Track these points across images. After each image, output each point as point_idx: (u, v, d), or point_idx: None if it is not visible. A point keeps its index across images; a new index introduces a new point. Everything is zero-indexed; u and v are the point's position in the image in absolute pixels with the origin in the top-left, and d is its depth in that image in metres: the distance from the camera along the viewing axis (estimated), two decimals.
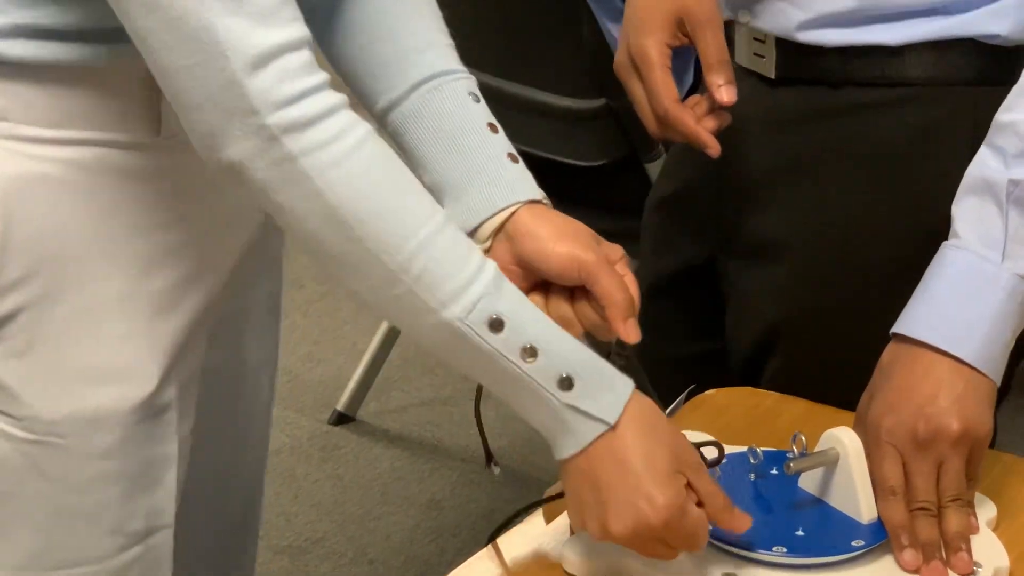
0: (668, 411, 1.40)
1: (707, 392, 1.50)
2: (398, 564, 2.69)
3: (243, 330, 1.52)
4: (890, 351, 1.35)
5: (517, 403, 1.23)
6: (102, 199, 1.29)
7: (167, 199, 1.28)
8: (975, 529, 1.30)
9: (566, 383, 1.20)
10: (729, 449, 1.35)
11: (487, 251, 1.34)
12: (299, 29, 1.17)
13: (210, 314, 1.41)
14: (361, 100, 1.41)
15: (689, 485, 1.23)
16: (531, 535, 1.33)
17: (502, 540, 1.32)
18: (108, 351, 1.32)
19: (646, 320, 1.70)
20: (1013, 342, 1.34)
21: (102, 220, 1.30)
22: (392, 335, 2.97)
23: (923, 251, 1.40)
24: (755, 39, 1.55)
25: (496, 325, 1.19)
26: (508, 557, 1.32)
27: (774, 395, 1.51)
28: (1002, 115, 1.37)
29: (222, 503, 1.57)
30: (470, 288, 1.18)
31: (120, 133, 1.27)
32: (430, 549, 2.71)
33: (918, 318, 1.33)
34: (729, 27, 1.55)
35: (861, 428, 1.33)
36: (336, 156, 1.17)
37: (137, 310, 1.33)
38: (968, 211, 1.35)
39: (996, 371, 1.33)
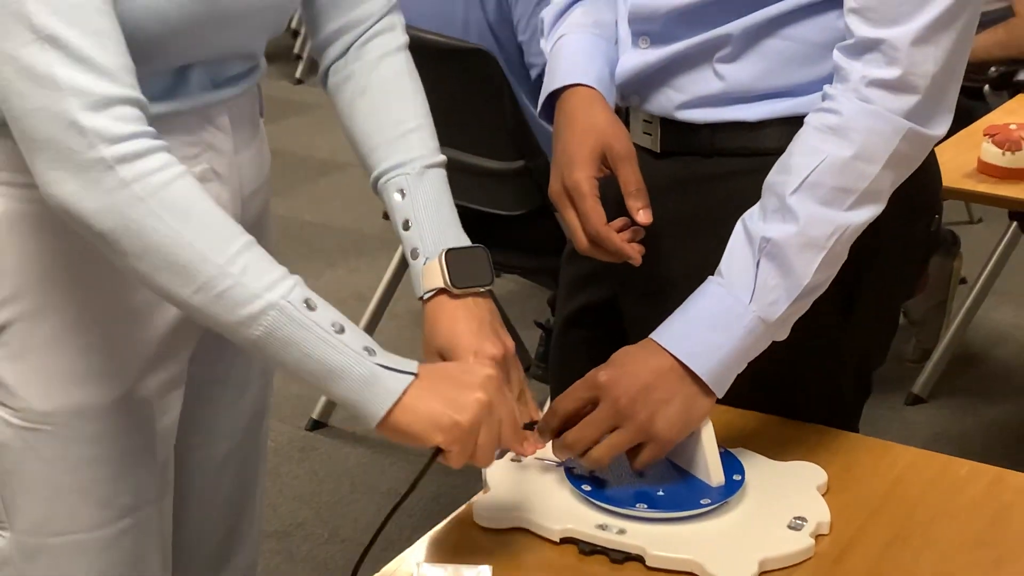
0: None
1: None
2: (365, 542, 2.65)
3: (236, 348, 1.41)
4: (642, 345, 1.35)
5: (331, 376, 1.18)
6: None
7: None
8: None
9: (370, 351, 1.19)
10: None
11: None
12: (134, 92, 1.16)
13: (188, 327, 1.37)
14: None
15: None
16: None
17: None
18: (90, 356, 1.31)
19: (561, 347, 1.73)
20: (741, 368, 1.33)
21: (80, 248, 1.26)
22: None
23: None
24: (644, 120, 1.52)
25: (311, 305, 1.17)
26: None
27: None
28: (770, 176, 1.36)
29: (224, 492, 1.55)
30: (285, 279, 1.18)
31: None
32: (391, 529, 2.64)
33: (672, 332, 1.34)
34: (625, 112, 1.54)
35: (586, 384, 1.32)
36: (164, 180, 1.16)
37: (115, 323, 1.32)
38: (734, 255, 1.34)
39: (721, 388, 1.32)
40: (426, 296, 1.34)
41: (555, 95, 1.50)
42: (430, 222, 1.37)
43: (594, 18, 1.53)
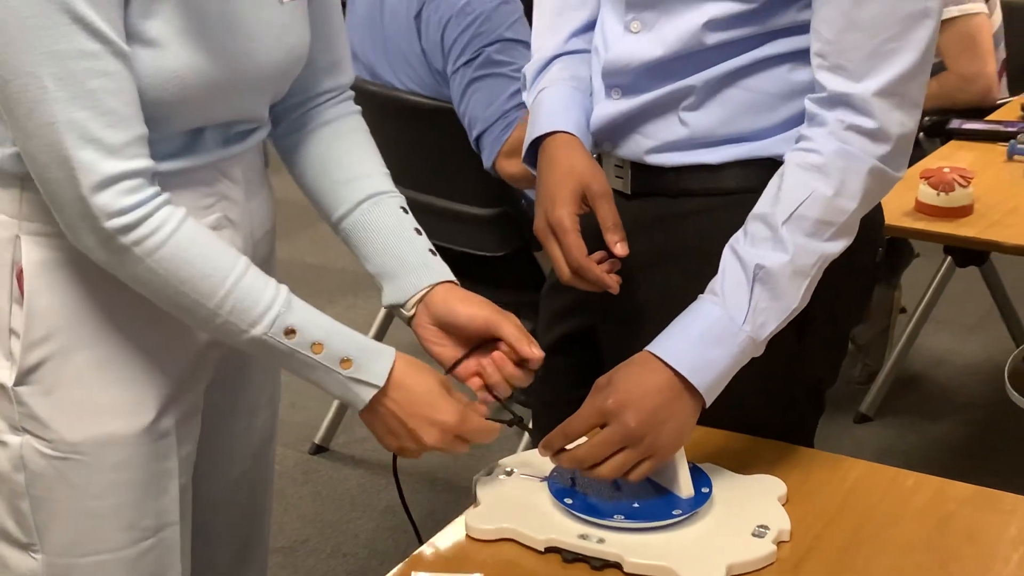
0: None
1: None
2: (364, 556, 2.66)
3: (246, 379, 1.50)
4: (638, 360, 1.34)
5: (317, 383, 1.30)
6: (105, 278, 1.27)
7: None
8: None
9: (346, 363, 1.28)
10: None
11: (412, 317, 1.39)
12: (138, 163, 1.20)
13: (204, 363, 1.38)
14: (318, 211, 1.45)
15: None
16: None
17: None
18: (115, 391, 1.31)
19: (542, 374, 1.73)
20: (726, 383, 1.34)
21: (106, 293, 1.29)
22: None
23: None
24: (616, 165, 1.53)
25: (290, 332, 1.26)
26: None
27: None
28: (757, 208, 1.36)
29: (236, 511, 1.55)
30: (268, 312, 1.25)
31: None
32: (388, 544, 2.69)
33: (670, 346, 1.33)
34: (598, 158, 1.54)
35: (596, 410, 1.32)
36: (156, 243, 1.21)
37: (137, 360, 1.32)
38: (728, 278, 1.34)
39: (711, 396, 1.33)
40: (433, 286, 1.40)
41: (538, 141, 1.51)
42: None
43: (571, 73, 1.54)
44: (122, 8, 1.18)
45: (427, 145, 2.40)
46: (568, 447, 1.34)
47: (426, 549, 1.32)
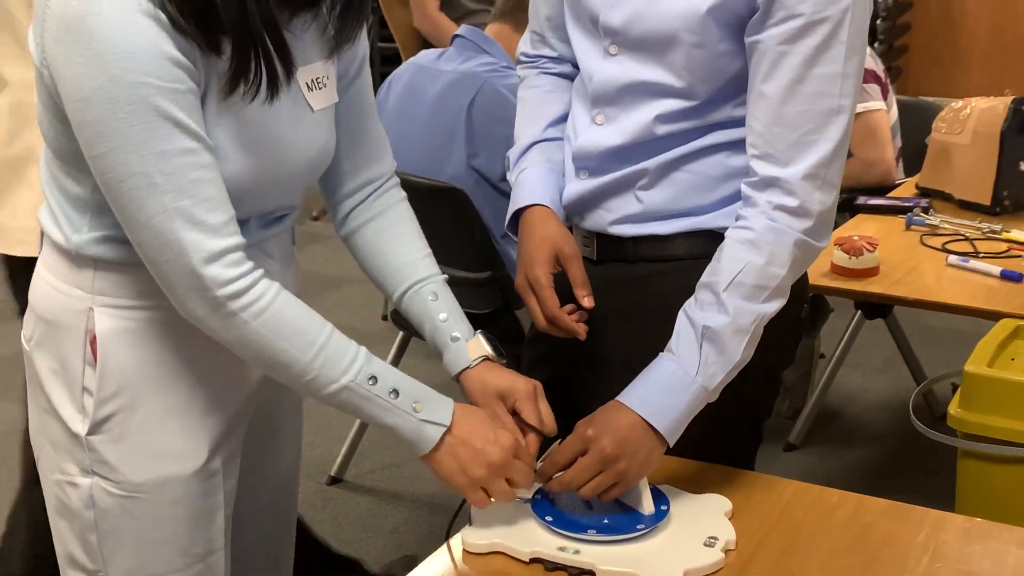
0: (543, 456, 1.40)
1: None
2: (375, 570, 2.58)
3: (276, 425, 1.49)
4: (612, 406, 1.34)
5: (392, 427, 1.27)
6: (165, 342, 1.28)
7: (209, 339, 1.25)
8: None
9: (417, 407, 1.26)
10: None
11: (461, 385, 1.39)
12: (236, 239, 1.20)
13: (245, 412, 1.38)
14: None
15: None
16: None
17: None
18: (174, 437, 1.31)
19: None
20: (686, 425, 1.34)
21: (166, 355, 1.29)
22: (363, 425, 2.89)
23: None
24: (584, 236, 1.54)
25: (373, 380, 1.24)
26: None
27: None
28: (703, 277, 1.37)
29: (266, 535, 1.55)
30: (354, 363, 1.24)
31: None
32: (394, 560, 2.62)
33: (635, 396, 1.34)
34: (570, 228, 1.54)
35: (578, 438, 1.32)
36: (262, 307, 1.20)
37: (191, 412, 1.31)
38: (681, 338, 1.35)
39: (672, 436, 1.33)
40: (474, 364, 1.38)
41: (519, 213, 1.51)
42: (458, 316, 1.41)
43: (547, 156, 1.55)
44: (202, 116, 1.19)
45: (427, 219, 2.37)
46: (556, 475, 1.34)
47: (428, 563, 1.31)
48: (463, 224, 2.42)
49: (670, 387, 1.33)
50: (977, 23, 5.05)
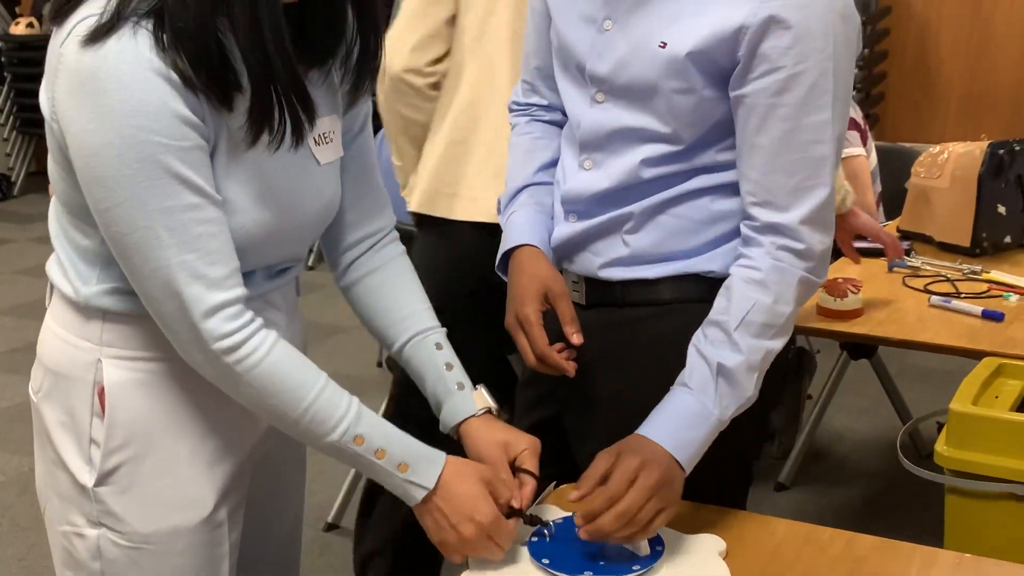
0: (538, 499, 1.40)
1: (562, 487, 1.50)
2: None
3: (281, 476, 1.49)
4: (633, 439, 1.34)
5: (380, 481, 1.28)
6: (172, 393, 1.28)
7: (215, 389, 1.25)
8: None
9: (404, 467, 1.26)
10: (563, 513, 1.37)
11: (458, 437, 1.38)
12: (236, 291, 1.20)
13: (249, 463, 1.37)
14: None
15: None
16: None
17: None
18: (180, 489, 1.30)
19: None
20: (702, 454, 1.35)
21: (173, 406, 1.29)
22: (358, 474, 2.75)
23: None
24: (573, 281, 1.54)
25: (358, 440, 1.24)
26: None
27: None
28: (712, 315, 1.38)
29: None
30: (341, 423, 1.23)
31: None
32: None
33: (657, 428, 1.34)
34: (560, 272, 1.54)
35: (621, 462, 1.30)
36: (254, 362, 1.21)
37: (198, 462, 1.31)
38: (695, 372, 1.36)
39: (690, 468, 1.33)
40: (478, 413, 1.37)
41: (508, 253, 1.52)
42: (460, 367, 1.41)
43: (536, 200, 1.56)
44: (210, 172, 1.19)
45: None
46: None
47: None
48: None
49: (690, 421, 1.34)
50: (951, 72, 5.11)
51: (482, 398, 1.39)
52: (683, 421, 1.34)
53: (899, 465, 1.92)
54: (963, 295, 2.35)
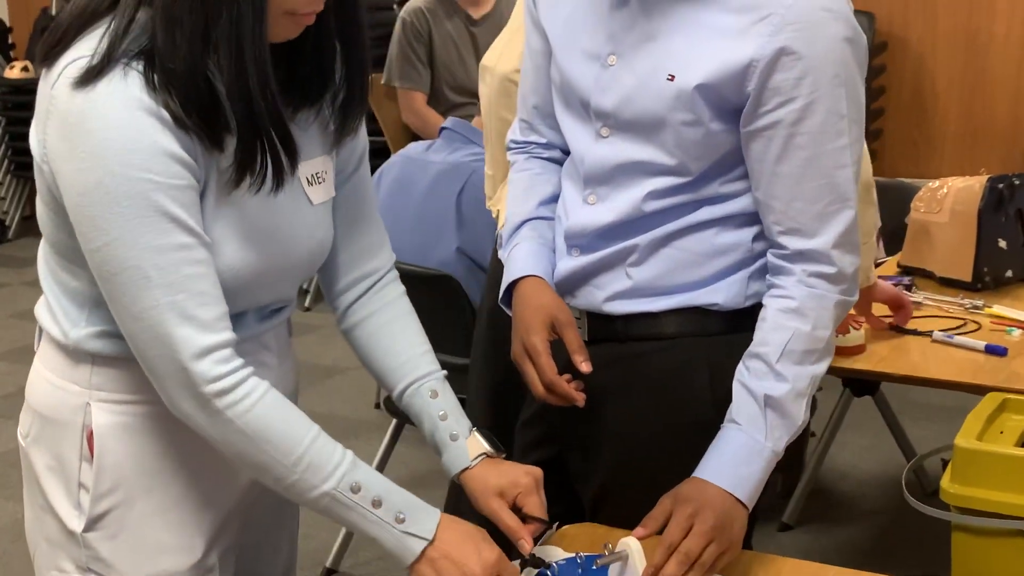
0: (541, 540, 1.38)
1: (564, 527, 1.49)
2: None
3: (273, 522, 1.47)
4: (689, 483, 1.34)
5: (375, 537, 1.24)
6: (161, 436, 1.28)
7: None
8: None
9: (400, 518, 1.23)
10: (566, 554, 1.35)
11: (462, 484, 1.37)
12: (227, 335, 1.19)
13: (240, 507, 1.36)
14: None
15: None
16: None
17: None
18: (170, 533, 1.29)
19: None
20: (761, 487, 1.36)
21: (163, 450, 1.28)
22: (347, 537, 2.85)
23: (681, 438, 1.41)
24: (576, 317, 1.52)
25: (355, 489, 1.22)
26: None
27: (602, 527, 1.49)
28: (753, 348, 1.38)
29: None
30: (337, 470, 1.21)
31: None
32: None
33: (714, 469, 1.34)
34: None
35: (678, 509, 1.31)
36: (247, 407, 1.19)
37: (187, 507, 1.30)
38: (742, 407, 1.36)
39: (751, 503, 1.35)
40: (473, 463, 1.36)
41: (512, 285, 1.52)
42: (458, 413, 1.39)
43: (538, 233, 1.56)
44: (200, 213, 1.19)
45: (418, 306, 2.37)
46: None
47: None
48: (454, 310, 2.41)
49: (744, 457, 1.35)
50: (948, 108, 5.14)
51: (477, 444, 1.37)
52: (737, 458, 1.34)
53: (904, 503, 1.91)
54: (965, 324, 2.35)
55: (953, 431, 1.76)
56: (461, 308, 2.45)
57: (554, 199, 1.59)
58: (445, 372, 1.43)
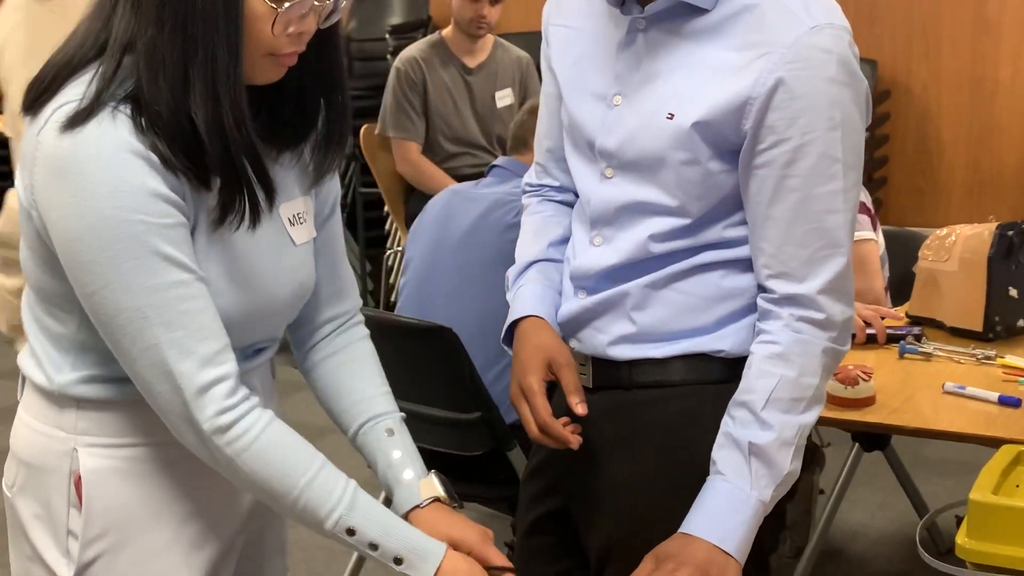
0: None
1: None
2: None
3: (263, 560, 1.47)
4: (678, 538, 1.34)
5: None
6: (150, 479, 1.29)
7: (194, 475, 1.27)
8: None
9: (398, 560, 1.25)
10: None
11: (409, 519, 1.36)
12: (229, 367, 1.21)
13: (232, 549, 1.37)
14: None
15: None
16: None
17: None
18: None
19: (526, 550, 1.65)
20: (751, 540, 1.35)
21: (151, 493, 1.29)
22: (360, 560, 2.82)
23: (687, 488, 1.40)
24: (580, 363, 1.54)
25: (351, 532, 1.24)
26: None
27: None
28: (737, 396, 1.39)
29: None
30: (333, 513, 1.23)
31: (158, 436, 1.27)
32: None
33: (699, 523, 1.34)
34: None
35: (658, 567, 1.30)
36: (246, 444, 1.21)
37: (178, 550, 1.31)
38: (727, 458, 1.36)
39: (742, 555, 1.34)
40: (423, 504, 1.35)
41: (513, 325, 1.53)
42: (413, 455, 1.39)
43: (545, 275, 1.58)
44: (192, 248, 1.21)
45: (416, 361, 2.41)
46: None
47: None
48: (453, 364, 2.41)
49: (730, 508, 1.34)
50: (954, 156, 5.18)
51: (431, 487, 1.38)
52: (722, 509, 1.34)
53: (918, 563, 1.89)
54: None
55: (967, 486, 1.75)
56: (458, 362, 2.43)
57: (564, 240, 1.61)
58: (403, 415, 1.44)
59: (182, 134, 1.18)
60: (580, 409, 1.43)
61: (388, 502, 1.40)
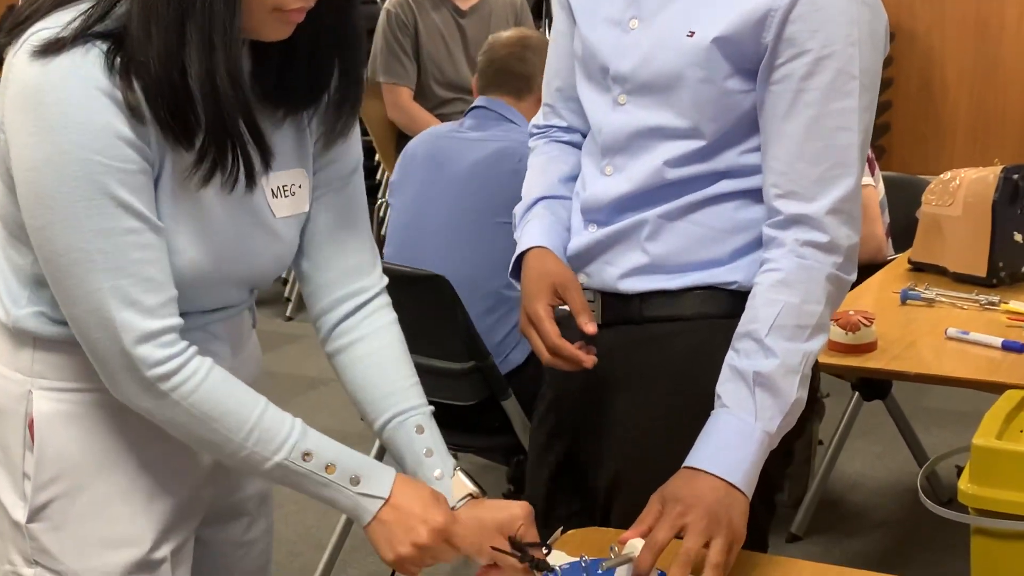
0: (549, 541, 1.38)
1: (570, 532, 1.48)
2: None
3: (240, 515, 1.47)
4: (684, 474, 1.33)
5: (330, 501, 1.27)
6: (106, 426, 1.29)
7: (152, 422, 1.25)
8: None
9: (355, 480, 1.26)
10: (570, 559, 1.35)
11: None
12: (171, 320, 1.21)
13: (197, 501, 1.37)
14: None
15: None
16: None
17: None
18: (115, 525, 1.30)
19: (538, 485, 1.67)
20: (758, 473, 1.35)
21: (107, 439, 1.29)
22: (343, 533, 2.84)
23: (697, 424, 1.39)
24: (589, 300, 1.53)
25: (307, 456, 1.24)
26: None
27: (612, 530, 1.48)
28: (740, 328, 1.39)
29: None
30: (288, 440, 1.24)
31: None
32: None
33: (701, 456, 1.34)
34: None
35: (666, 511, 1.29)
36: (192, 387, 1.21)
37: (134, 499, 1.31)
38: (731, 391, 1.37)
39: (749, 488, 1.34)
40: (459, 505, 1.34)
41: (520, 259, 1.55)
42: (443, 451, 1.39)
43: (552, 211, 1.59)
44: (153, 197, 1.20)
45: (411, 309, 2.39)
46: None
47: None
48: (445, 312, 2.41)
49: (735, 441, 1.34)
50: (957, 98, 5.17)
51: (462, 485, 1.37)
52: (727, 442, 1.34)
53: (918, 511, 1.91)
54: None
55: (967, 437, 1.75)
56: (452, 310, 2.43)
57: (572, 178, 1.61)
58: (432, 408, 1.42)
59: (171, 87, 1.16)
60: (590, 328, 1.44)
61: None
